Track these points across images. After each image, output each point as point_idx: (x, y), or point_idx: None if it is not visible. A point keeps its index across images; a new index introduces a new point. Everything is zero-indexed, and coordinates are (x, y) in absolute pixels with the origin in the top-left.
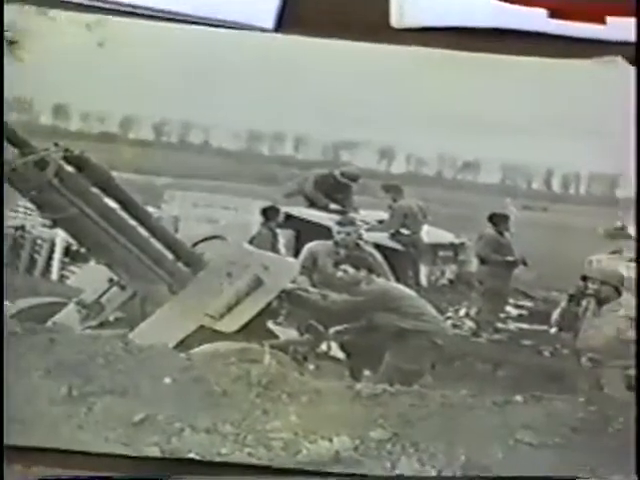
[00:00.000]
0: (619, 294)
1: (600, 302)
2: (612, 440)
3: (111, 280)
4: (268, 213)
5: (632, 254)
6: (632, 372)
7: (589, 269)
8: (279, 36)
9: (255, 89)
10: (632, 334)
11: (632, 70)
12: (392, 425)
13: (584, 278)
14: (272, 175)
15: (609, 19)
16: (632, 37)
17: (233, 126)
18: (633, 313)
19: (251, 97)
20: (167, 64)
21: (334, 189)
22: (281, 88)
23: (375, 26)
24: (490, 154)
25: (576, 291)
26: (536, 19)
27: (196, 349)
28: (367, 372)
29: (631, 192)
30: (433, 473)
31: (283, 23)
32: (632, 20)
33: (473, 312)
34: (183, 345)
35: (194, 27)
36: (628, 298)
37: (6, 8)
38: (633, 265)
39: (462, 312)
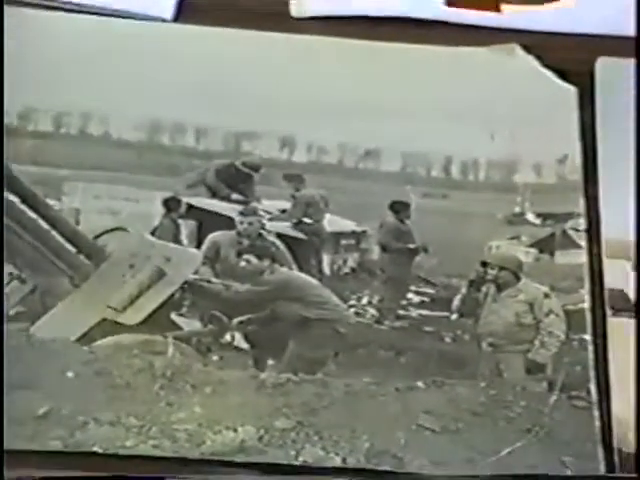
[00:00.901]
0: (518, 279)
1: (499, 287)
2: (513, 424)
3: (11, 274)
4: (170, 204)
5: (530, 240)
6: (531, 356)
7: (488, 255)
8: (178, 26)
9: (155, 80)
10: (530, 319)
11: (530, 57)
12: (296, 414)
13: (484, 264)
14: (173, 166)
15: (504, 7)
16: (527, 25)
17: (133, 117)
18: (531, 298)
19: (151, 88)
20: (65, 54)
21: (236, 179)
22: (181, 79)
23: (275, 15)
24: (390, 142)
25: (476, 277)
26: (432, 7)
27: (99, 342)
28: (271, 362)
29: (528, 178)
30: (337, 460)
31: (182, 13)
32: (527, 8)
33: (375, 300)
34: (85, 338)
35: (92, 17)
36: (527, 283)
37: None
38: (532, 250)
39: (365, 300)
